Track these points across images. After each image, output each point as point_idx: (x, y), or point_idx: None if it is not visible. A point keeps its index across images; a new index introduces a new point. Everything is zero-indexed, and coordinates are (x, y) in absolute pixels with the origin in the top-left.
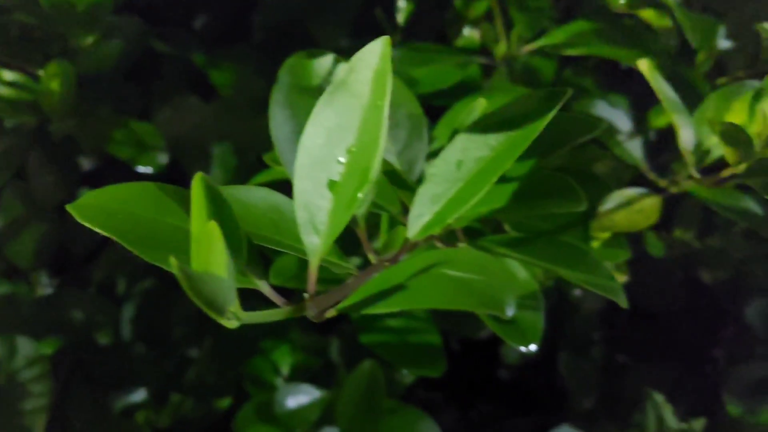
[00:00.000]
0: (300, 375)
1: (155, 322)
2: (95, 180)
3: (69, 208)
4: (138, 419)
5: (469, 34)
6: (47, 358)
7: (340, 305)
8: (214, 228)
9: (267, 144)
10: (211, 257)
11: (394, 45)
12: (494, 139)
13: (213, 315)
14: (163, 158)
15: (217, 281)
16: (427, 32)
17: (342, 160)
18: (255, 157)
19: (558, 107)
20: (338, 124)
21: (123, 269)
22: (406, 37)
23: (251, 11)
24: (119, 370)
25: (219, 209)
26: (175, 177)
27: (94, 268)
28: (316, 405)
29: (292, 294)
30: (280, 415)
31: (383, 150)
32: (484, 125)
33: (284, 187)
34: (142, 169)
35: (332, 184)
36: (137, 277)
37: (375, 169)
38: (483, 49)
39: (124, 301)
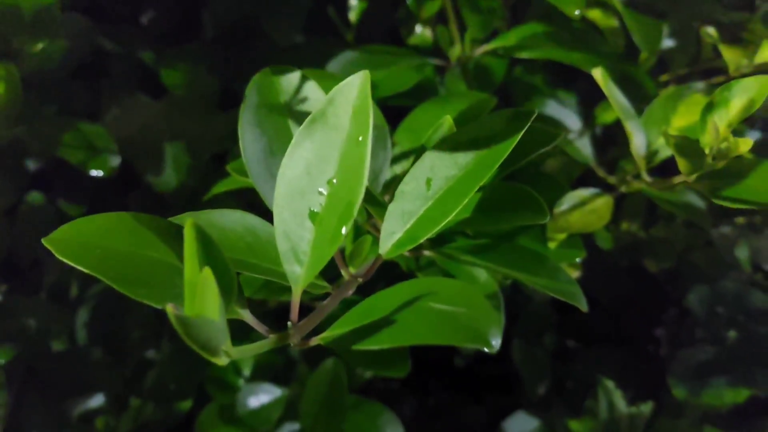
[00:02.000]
0: (262, 374)
1: (111, 325)
2: (45, 183)
3: (45, 242)
4: (97, 425)
5: (422, 32)
6: (0, 367)
7: (325, 336)
8: (208, 275)
9: (220, 142)
10: (205, 303)
11: (348, 45)
12: (463, 159)
13: (207, 356)
14: (114, 161)
15: (212, 325)
16: (380, 30)
17: (323, 191)
18: (209, 156)
19: (525, 129)
20: (317, 156)
21: (74, 272)
22: (358, 35)
23: (201, 7)
24: (76, 376)
25: (210, 253)
26: (126, 177)
27: (45, 273)
28: (278, 403)
29: (253, 303)
30: (242, 415)
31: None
32: (452, 144)
33: (248, 194)
34: (93, 172)
35: (313, 215)
36: (90, 280)
37: (358, 204)
38: (436, 49)
39: (77, 305)
